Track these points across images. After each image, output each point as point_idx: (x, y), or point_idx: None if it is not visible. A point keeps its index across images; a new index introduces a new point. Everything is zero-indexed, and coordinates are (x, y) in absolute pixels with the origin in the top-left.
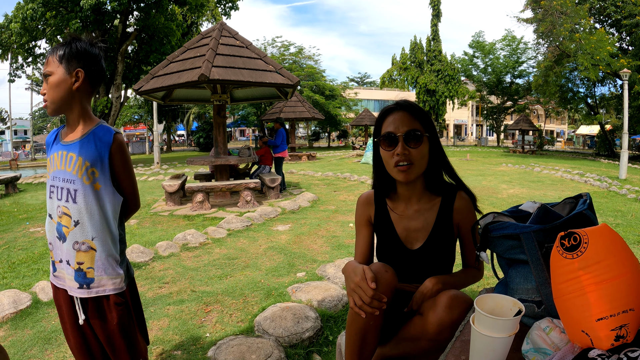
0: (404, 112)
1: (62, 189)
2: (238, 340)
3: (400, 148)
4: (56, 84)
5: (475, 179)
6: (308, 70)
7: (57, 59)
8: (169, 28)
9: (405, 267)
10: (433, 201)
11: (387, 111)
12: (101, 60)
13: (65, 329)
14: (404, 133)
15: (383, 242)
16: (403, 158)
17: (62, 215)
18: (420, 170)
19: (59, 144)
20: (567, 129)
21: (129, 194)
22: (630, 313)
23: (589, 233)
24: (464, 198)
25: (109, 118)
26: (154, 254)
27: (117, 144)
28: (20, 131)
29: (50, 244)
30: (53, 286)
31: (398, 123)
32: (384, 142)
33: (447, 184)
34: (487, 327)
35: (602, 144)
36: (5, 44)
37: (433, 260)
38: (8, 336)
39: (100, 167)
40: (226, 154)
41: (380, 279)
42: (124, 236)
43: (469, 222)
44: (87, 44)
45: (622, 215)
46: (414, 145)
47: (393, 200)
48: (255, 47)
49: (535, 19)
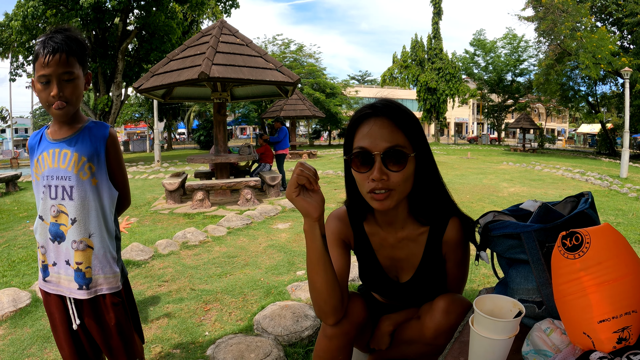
0: (384, 120)
1: (57, 187)
2: (237, 339)
3: (376, 172)
4: (79, 85)
5: (476, 177)
6: (309, 68)
7: (76, 59)
8: (169, 26)
9: (392, 295)
10: (419, 230)
11: (361, 117)
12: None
13: (58, 337)
14: (383, 151)
15: (366, 270)
16: (380, 185)
17: (58, 215)
18: (402, 195)
19: (48, 142)
20: (568, 127)
21: (122, 188)
22: (633, 315)
23: (591, 233)
24: (455, 228)
25: (110, 116)
26: (154, 252)
27: (112, 138)
28: (21, 129)
29: (42, 247)
30: (43, 293)
31: (376, 136)
32: (356, 161)
33: (437, 209)
34: (486, 329)
35: (603, 143)
36: (6, 42)
37: (422, 291)
38: (7, 334)
39: (97, 162)
40: (226, 152)
41: (350, 313)
42: (119, 233)
43: (457, 259)
44: (85, 40)
45: (623, 214)
46: (396, 168)
47: (371, 224)
48: (255, 45)
49: (537, 17)
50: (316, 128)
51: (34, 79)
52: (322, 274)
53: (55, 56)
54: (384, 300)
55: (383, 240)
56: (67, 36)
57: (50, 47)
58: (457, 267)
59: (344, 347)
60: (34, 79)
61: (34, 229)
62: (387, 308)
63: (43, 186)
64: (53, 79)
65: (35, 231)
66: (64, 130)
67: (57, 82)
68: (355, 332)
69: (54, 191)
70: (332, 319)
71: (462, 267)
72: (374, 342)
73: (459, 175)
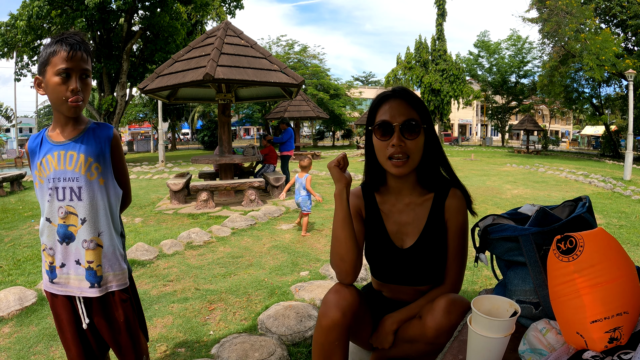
0: (401, 101)
1: (65, 189)
2: (241, 338)
3: (396, 139)
4: (90, 85)
5: (479, 179)
6: (313, 69)
7: (89, 59)
8: (174, 27)
9: (396, 267)
10: (425, 196)
11: (382, 98)
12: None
13: (65, 338)
14: (401, 123)
15: (372, 240)
16: (399, 150)
17: (66, 216)
18: (415, 164)
19: (51, 145)
20: (572, 129)
21: (125, 187)
22: (625, 316)
23: (584, 237)
24: (456, 196)
25: (114, 116)
26: (159, 252)
27: (116, 139)
28: (25, 129)
29: (50, 248)
30: (49, 294)
31: (394, 112)
32: (378, 131)
33: (441, 179)
34: (483, 328)
35: (607, 145)
36: (11, 42)
37: (424, 260)
38: (13, 332)
39: (103, 162)
40: (231, 152)
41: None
42: (123, 230)
43: (457, 225)
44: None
45: (626, 216)
46: (411, 137)
47: (382, 194)
48: (260, 46)
49: (541, 19)
50: (320, 129)
51: (45, 75)
52: (346, 229)
53: (77, 53)
54: (387, 293)
55: (392, 206)
56: (82, 39)
57: (72, 43)
58: (458, 235)
59: (340, 336)
60: (44, 76)
61: (39, 231)
62: (391, 306)
63: (49, 189)
64: (74, 73)
65: (42, 234)
66: (67, 131)
67: (77, 77)
68: (350, 322)
69: (62, 193)
70: (351, 276)
71: (462, 238)
72: (377, 341)
73: (462, 177)
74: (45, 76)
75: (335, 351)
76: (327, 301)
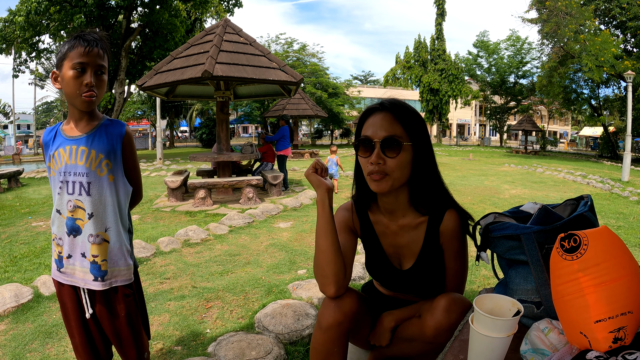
0: (387, 114)
1: (75, 183)
2: (238, 336)
3: (374, 156)
4: (105, 82)
5: (477, 179)
6: (312, 68)
7: (106, 56)
8: (173, 24)
9: (396, 283)
10: (419, 219)
11: (369, 111)
12: None
13: (70, 326)
14: (381, 139)
15: (371, 257)
16: (377, 168)
17: (74, 209)
18: (397, 182)
19: (64, 139)
20: (570, 130)
21: (136, 184)
22: (629, 315)
23: (589, 235)
24: (451, 220)
25: (112, 113)
26: (156, 249)
27: (128, 136)
28: (23, 126)
29: (59, 239)
30: (56, 282)
31: (377, 127)
32: (360, 147)
33: (435, 200)
34: (485, 327)
35: (605, 146)
36: (9, 38)
37: (424, 280)
38: (9, 330)
39: (114, 159)
40: (229, 150)
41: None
42: (131, 226)
43: (453, 250)
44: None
45: (624, 217)
46: (391, 154)
47: (375, 213)
48: (259, 44)
49: (540, 20)
50: (318, 127)
51: (62, 69)
52: (329, 238)
53: (94, 49)
54: (388, 292)
55: (386, 228)
56: (101, 36)
57: (90, 40)
58: (455, 259)
59: (339, 339)
60: (61, 70)
61: (51, 221)
62: (390, 303)
63: (60, 182)
64: (90, 68)
65: (53, 223)
66: (80, 126)
67: (92, 72)
68: (350, 325)
69: (71, 187)
70: (332, 288)
71: (459, 260)
72: (375, 338)
73: (460, 176)
74: (62, 70)
75: (334, 354)
76: (327, 303)
